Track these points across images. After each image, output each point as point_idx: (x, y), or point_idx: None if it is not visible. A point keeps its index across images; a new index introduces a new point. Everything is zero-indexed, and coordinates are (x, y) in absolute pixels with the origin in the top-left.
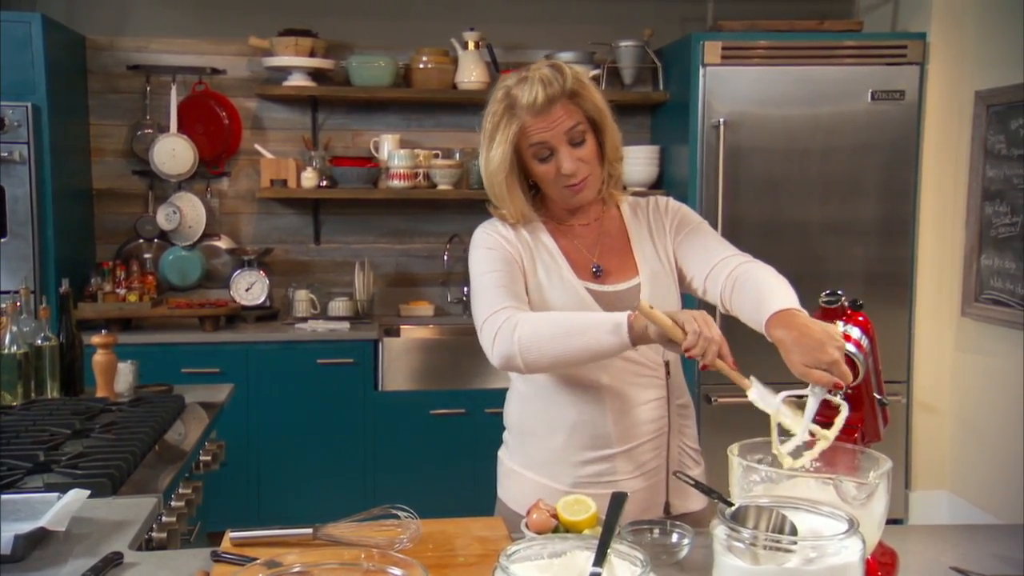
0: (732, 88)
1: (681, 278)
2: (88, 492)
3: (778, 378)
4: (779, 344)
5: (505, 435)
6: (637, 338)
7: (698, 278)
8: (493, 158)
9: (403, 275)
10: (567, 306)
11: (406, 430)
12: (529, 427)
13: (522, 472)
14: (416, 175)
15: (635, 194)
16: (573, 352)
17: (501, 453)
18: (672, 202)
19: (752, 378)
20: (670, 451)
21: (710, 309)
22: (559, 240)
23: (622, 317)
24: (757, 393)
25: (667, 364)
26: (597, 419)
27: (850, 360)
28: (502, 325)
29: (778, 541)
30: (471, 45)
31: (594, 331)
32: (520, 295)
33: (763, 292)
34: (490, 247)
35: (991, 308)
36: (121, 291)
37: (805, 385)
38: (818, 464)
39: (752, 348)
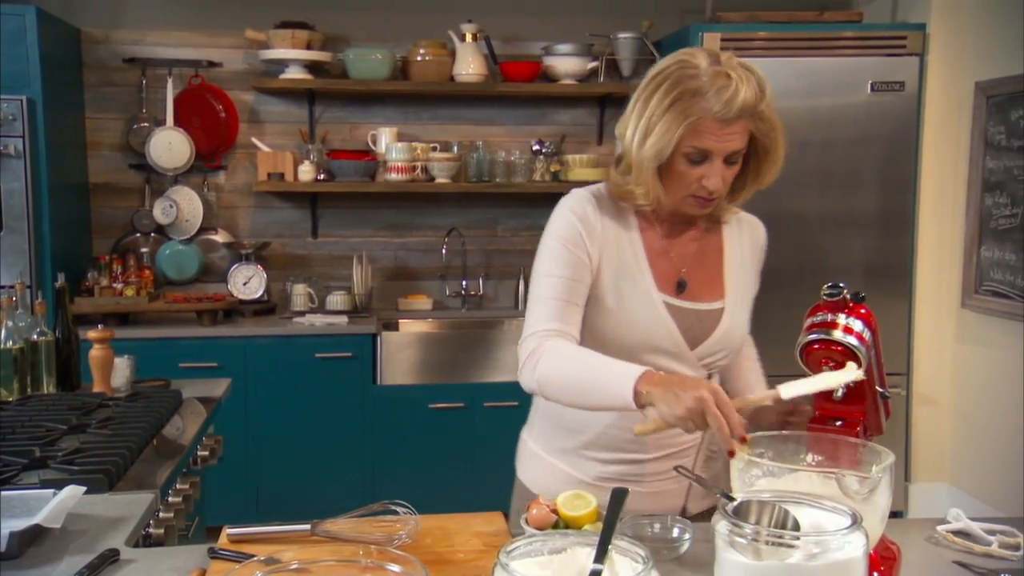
0: None
1: None
2: (84, 488)
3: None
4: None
5: (532, 414)
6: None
7: None
8: (656, 142)
9: (401, 269)
10: (644, 322)
11: (405, 424)
12: (564, 416)
13: (547, 458)
14: (414, 168)
15: None
16: (584, 404)
17: (525, 434)
18: (765, 237)
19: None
20: (698, 458)
21: None
22: (649, 244)
23: (631, 384)
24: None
25: (709, 376)
26: (636, 423)
27: (853, 353)
28: (530, 355)
29: (780, 536)
30: (469, 37)
31: (605, 393)
32: (572, 309)
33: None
34: (564, 239)
35: (991, 300)
36: (118, 285)
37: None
38: (820, 459)
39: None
